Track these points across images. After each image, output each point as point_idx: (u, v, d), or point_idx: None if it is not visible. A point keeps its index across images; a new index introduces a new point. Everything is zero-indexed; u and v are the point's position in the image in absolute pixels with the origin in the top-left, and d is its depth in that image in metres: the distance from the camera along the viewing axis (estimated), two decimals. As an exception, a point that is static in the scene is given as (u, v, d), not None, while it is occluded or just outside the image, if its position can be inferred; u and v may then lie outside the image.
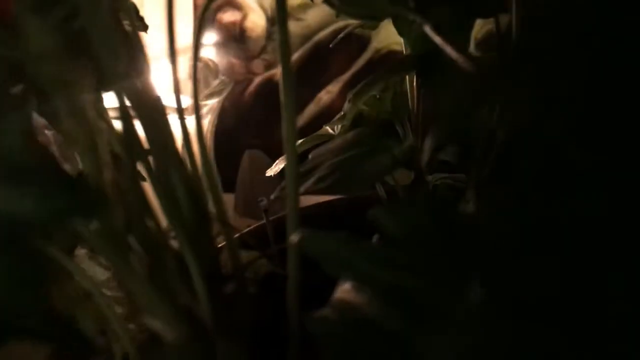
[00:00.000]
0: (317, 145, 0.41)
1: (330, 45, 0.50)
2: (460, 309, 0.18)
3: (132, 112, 0.25)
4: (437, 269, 0.19)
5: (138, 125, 0.26)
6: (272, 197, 0.31)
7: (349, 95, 0.42)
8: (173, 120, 0.28)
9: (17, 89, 0.22)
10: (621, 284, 0.16)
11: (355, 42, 0.85)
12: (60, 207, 0.16)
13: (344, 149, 0.31)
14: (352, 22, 0.53)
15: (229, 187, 0.80)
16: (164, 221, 0.25)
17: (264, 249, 0.35)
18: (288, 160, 0.28)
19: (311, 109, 0.86)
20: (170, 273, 0.24)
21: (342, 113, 0.46)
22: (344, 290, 0.24)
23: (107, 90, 0.23)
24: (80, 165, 0.21)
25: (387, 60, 0.83)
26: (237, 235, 0.37)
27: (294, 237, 0.25)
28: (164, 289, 0.23)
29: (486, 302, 0.18)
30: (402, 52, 0.41)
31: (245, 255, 0.30)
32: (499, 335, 0.17)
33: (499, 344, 0.17)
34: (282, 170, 0.55)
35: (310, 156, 0.33)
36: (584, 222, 0.17)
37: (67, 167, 0.24)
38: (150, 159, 0.26)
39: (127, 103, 0.25)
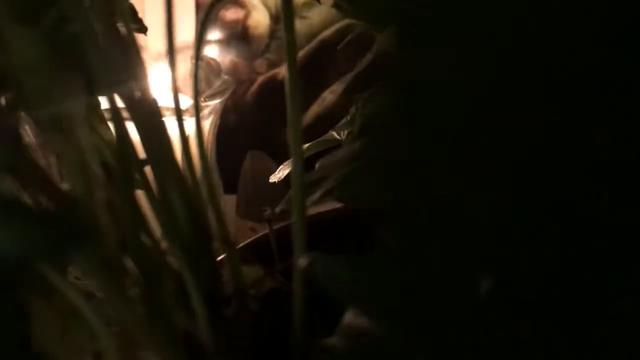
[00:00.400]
0: (323, 151, 0.40)
1: (338, 47, 0.49)
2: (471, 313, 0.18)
3: (126, 119, 0.24)
4: (443, 273, 0.19)
5: (132, 133, 0.24)
6: (277, 209, 0.29)
7: (356, 100, 0.40)
8: (171, 123, 0.27)
9: (3, 99, 0.21)
10: (621, 283, 0.16)
11: (360, 41, 0.83)
12: (38, 244, 0.15)
13: (353, 159, 0.29)
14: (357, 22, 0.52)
15: (231, 188, 0.78)
16: (160, 237, 0.24)
17: (268, 264, 0.33)
18: (294, 171, 0.26)
19: (314, 109, 0.85)
20: (167, 294, 0.23)
21: (348, 117, 0.45)
22: (354, 314, 0.22)
23: (99, 96, 0.21)
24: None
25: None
26: (238, 246, 0.35)
27: (301, 261, 0.24)
28: (160, 313, 0.22)
29: (490, 301, 0.17)
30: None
31: (247, 271, 0.29)
32: (502, 334, 0.17)
33: (502, 344, 0.17)
34: (287, 176, 0.53)
35: (317, 166, 0.31)
36: (585, 222, 0.17)
37: (63, 183, 0.22)
38: (146, 170, 0.24)
39: (121, 110, 0.24)
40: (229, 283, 0.26)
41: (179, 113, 0.29)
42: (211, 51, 0.83)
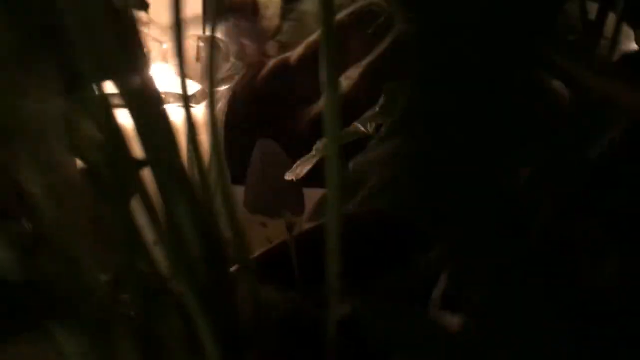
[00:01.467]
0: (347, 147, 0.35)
1: (370, 31, 0.44)
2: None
3: (117, 107, 0.19)
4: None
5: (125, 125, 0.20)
6: (306, 218, 0.25)
7: (386, 91, 0.35)
8: (174, 113, 0.22)
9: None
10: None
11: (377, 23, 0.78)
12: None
13: (395, 159, 0.24)
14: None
15: (239, 179, 0.73)
16: (160, 262, 0.19)
17: (286, 278, 0.28)
18: (331, 169, 0.22)
19: (328, 96, 0.79)
20: (172, 336, 0.18)
21: (376, 108, 0.40)
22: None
23: (82, 91, 0.16)
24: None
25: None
26: (253, 257, 0.30)
27: (342, 308, 0.19)
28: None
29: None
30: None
31: (265, 295, 0.24)
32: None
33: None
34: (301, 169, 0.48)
35: (350, 166, 0.26)
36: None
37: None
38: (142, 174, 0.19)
39: (112, 97, 0.19)
40: (247, 315, 0.21)
41: (186, 101, 0.24)
42: (219, 32, 0.78)
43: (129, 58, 0.19)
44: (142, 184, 0.19)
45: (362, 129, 0.39)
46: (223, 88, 0.58)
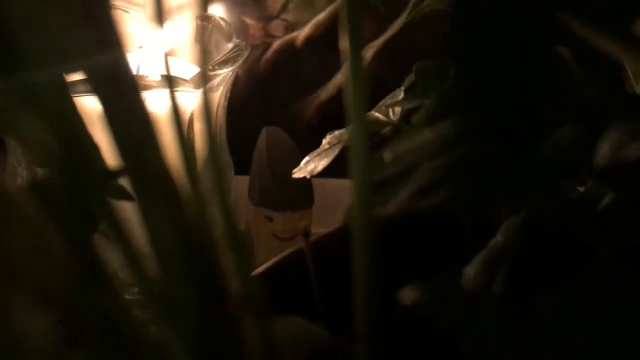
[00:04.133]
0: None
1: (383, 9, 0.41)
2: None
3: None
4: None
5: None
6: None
7: (420, 68, 0.31)
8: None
9: None
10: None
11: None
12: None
13: (449, 145, 0.19)
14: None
15: (243, 169, 0.69)
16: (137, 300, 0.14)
17: (300, 297, 0.24)
18: (357, 166, 0.18)
19: (338, 79, 0.75)
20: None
21: (402, 93, 0.35)
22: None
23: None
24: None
25: (430, 22, 0.71)
26: (257, 271, 0.26)
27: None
28: None
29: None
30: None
31: (281, 329, 0.19)
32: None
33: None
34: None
35: (387, 157, 0.21)
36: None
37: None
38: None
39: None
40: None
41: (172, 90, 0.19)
42: (220, 10, 0.74)
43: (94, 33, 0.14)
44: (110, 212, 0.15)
45: (381, 116, 0.34)
46: (225, 71, 0.53)
